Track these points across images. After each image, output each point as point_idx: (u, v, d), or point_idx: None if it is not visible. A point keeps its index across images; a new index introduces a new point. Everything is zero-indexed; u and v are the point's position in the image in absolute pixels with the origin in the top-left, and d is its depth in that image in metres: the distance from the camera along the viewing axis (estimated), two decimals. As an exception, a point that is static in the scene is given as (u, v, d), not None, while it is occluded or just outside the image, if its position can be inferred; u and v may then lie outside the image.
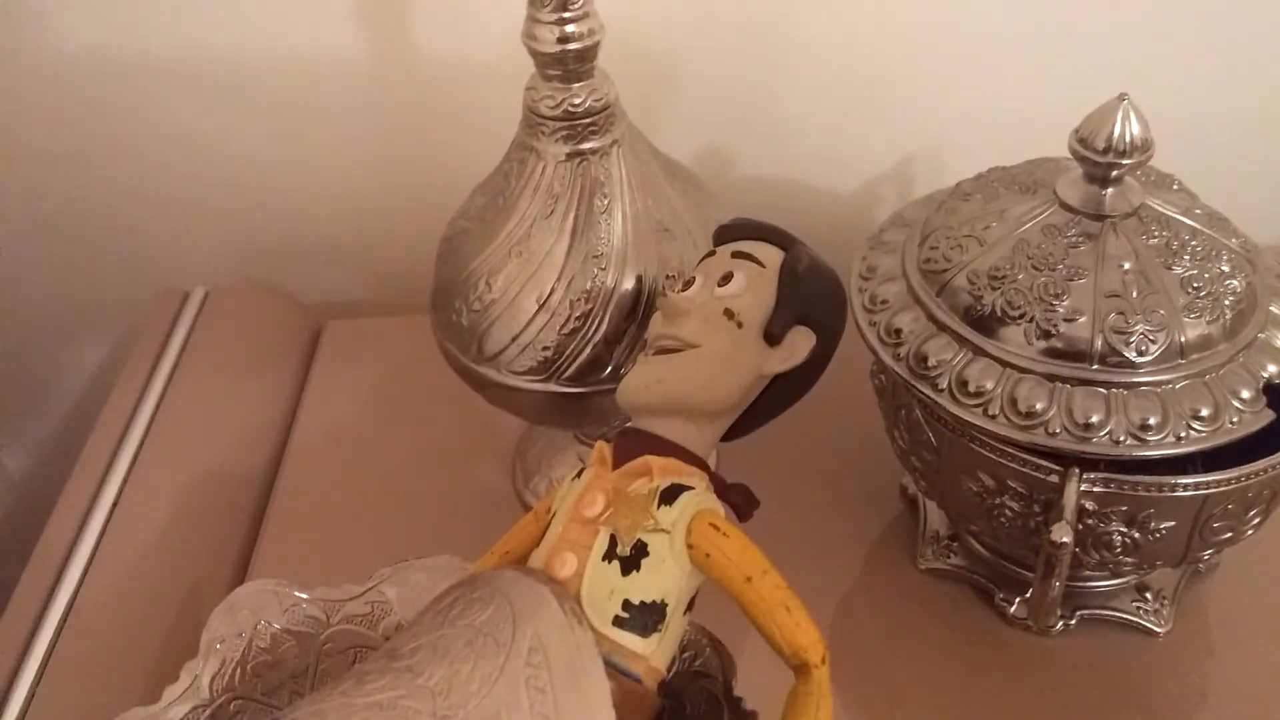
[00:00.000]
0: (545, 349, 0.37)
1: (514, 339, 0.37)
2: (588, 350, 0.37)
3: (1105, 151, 0.33)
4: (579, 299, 0.36)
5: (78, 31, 0.52)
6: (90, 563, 0.42)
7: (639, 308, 0.37)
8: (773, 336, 0.31)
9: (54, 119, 0.55)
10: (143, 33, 0.52)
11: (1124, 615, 0.40)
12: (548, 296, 0.36)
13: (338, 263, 0.61)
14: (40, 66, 0.53)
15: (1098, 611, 0.40)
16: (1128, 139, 0.33)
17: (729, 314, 0.31)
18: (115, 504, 0.45)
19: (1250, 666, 0.39)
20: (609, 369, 0.37)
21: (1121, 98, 0.33)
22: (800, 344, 0.31)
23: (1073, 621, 0.40)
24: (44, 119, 0.55)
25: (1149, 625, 0.39)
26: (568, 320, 0.36)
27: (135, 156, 0.56)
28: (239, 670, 0.31)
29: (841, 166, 0.58)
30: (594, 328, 0.37)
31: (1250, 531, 0.35)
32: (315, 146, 0.57)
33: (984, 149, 0.44)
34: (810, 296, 0.32)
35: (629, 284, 0.37)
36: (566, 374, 0.37)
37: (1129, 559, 0.35)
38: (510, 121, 0.38)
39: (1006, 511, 0.35)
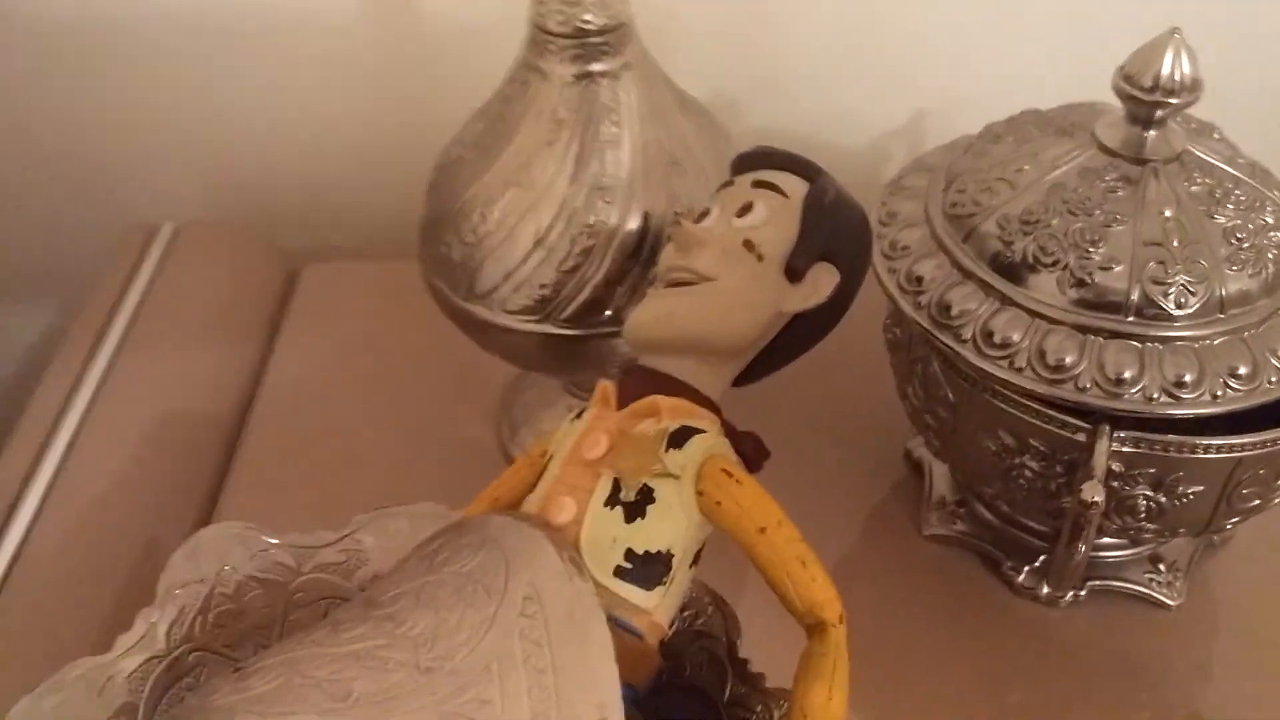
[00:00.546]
0: (542, 287, 0.34)
1: (508, 275, 0.35)
2: (587, 290, 0.34)
3: (1152, 90, 0.31)
4: (580, 234, 0.34)
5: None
6: (42, 505, 0.39)
7: (644, 247, 0.34)
8: (795, 272, 0.29)
9: (24, 62, 0.51)
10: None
11: (1136, 587, 0.38)
12: (547, 230, 0.34)
13: (317, 204, 0.58)
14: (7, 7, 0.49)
15: (1109, 582, 0.38)
16: (1177, 77, 0.30)
17: (749, 246, 0.28)
18: (70, 445, 0.42)
19: (1262, 641, 0.37)
20: (609, 311, 0.35)
21: (1173, 32, 0.30)
22: (824, 281, 0.29)
23: (1083, 592, 0.38)
24: (11, 62, 0.51)
25: (1161, 598, 0.38)
26: (567, 257, 0.34)
27: (108, 96, 0.53)
28: (200, 619, 0.29)
29: (850, 121, 0.56)
30: (595, 266, 0.34)
31: (1278, 500, 0.34)
32: (296, 82, 0.54)
33: (996, 106, 0.42)
34: (836, 230, 0.29)
35: (635, 221, 0.34)
36: (564, 315, 0.35)
37: (1152, 525, 0.33)
38: (501, 57, 0.36)
39: (1026, 472, 0.33)
